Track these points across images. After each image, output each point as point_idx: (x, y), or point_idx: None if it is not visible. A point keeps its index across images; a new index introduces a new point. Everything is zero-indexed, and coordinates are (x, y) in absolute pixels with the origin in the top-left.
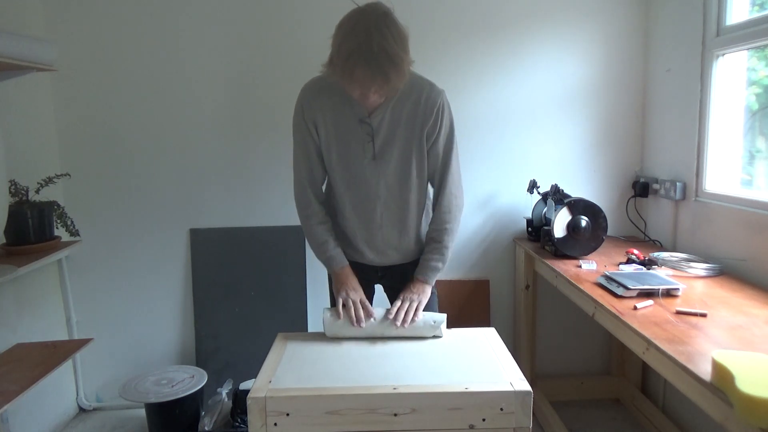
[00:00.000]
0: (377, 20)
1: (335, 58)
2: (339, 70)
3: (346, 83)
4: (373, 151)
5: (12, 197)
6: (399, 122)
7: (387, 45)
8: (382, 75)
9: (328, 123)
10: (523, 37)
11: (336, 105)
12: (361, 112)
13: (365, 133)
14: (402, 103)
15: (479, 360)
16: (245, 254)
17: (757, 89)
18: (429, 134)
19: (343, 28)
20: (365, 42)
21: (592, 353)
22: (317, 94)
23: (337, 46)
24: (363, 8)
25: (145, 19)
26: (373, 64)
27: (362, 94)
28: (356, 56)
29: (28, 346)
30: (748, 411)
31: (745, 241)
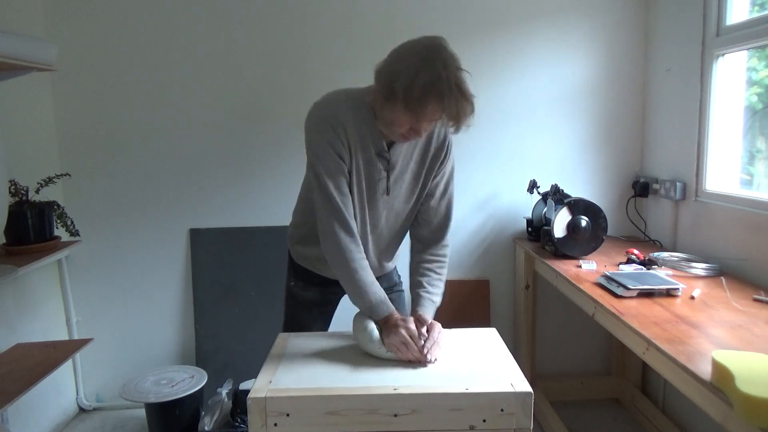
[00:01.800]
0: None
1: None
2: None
3: (409, 115)
4: (386, 187)
5: (12, 197)
6: (412, 157)
7: (462, 81)
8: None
9: (352, 149)
10: (524, 36)
11: (358, 131)
12: (380, 145)
13: (382, 167)
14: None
15: (480, 361)
16: (245, 254)
17: (758, 89)
18: (437, 168)
19: (413, 59)
20: (444, 76)
21: (592, 353)
22: (342, 114)
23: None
24: (432, 41)
25: (145, 20)
26: (452, 99)
27: (413, 129)
28: (434, 90)
29: (28, 346)
30: (748, 411)
31: (745, 241)
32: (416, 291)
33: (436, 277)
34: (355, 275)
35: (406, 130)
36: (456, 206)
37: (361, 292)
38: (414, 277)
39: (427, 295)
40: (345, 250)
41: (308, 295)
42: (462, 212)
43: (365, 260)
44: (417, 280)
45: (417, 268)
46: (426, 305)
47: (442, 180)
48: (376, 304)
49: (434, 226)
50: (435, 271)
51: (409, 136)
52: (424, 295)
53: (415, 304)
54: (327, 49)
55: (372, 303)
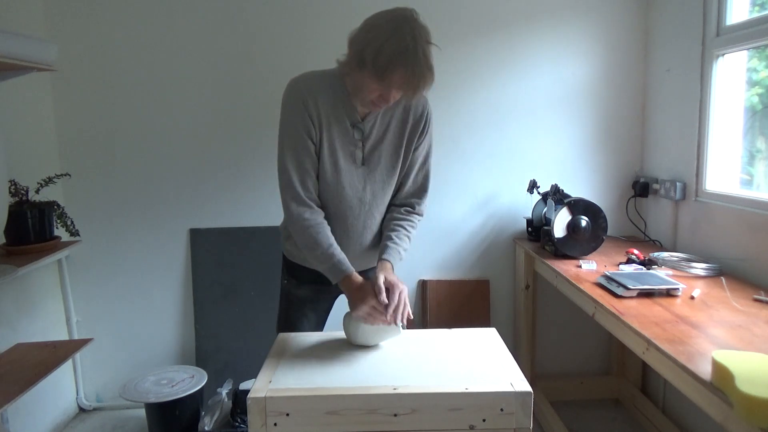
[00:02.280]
0: (420, 27)
1: (373, 56)
2: (377, 69)
3: (376, 82)
4: (362, 157)
5: (12, 197)
6: (388, 128)
7: (429, 52)
8: (420, 79)
9: (323, 123)
10: (523, 36)
11: (333, 105)
12: (354, 116)
13: (356, 137)
14: (392, 108)
15: (479, 360)
16: (245, 254)
17: (759, 90)
18: (416, 140)
19: (385, 28)
20: (412, 46)
21: (592, 353)
22: (316, 90)
23: (377, 45)
24: (402, 12)
25: (145, 20)
26: (417, 68)
27: (382, 96)
28: (402, 58)
29: (28, 346)
30: (748, 411)
31: (745, 241)
32: (385, 242)
33: (404, 234)
34: (311, 240)
35: (375, 97)
36: (456, 206)
37: (319, 254)
38: (384, 231)
39: (393, 245)
40: (296, 216)
41: (301, 293)
42: (462, 212)
43: (323, 225)
44: (387, 234)
45: (388, 224)
46: (392, 254)
47: (422, 152)
48: (335, 265)
49: (409, 194)
50: (405, 228)
51: (378, 103)
52: (391, 245)
53: (381, 252)
54: (327, 49)
55: (331, 264)
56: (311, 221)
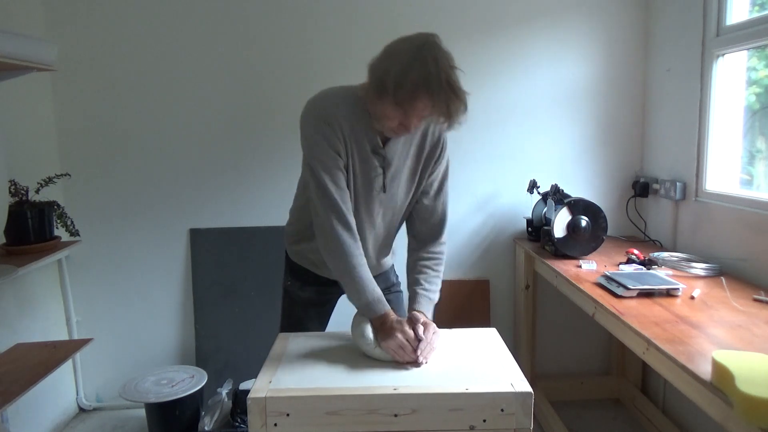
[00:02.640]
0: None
1: (394, 83)
2: (398, 96)
3: (398, 111)
4: (383, 185)
5: (12, 197)
6: (408, 154)
7: (454, 77)
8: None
9: (349, 145)
10: (524, 37)
11: (352, 128)
12: (376, 141)
13: (378, 164)
14: (413, 134)
15: (480, 361)
16: (245, 254)
17: (757, 89)
18: (432, 166)
19: (405, 55)
20: (435, 72)
21: (592, 353)
22: (337, 110)
23: (399, 72)
24: (424, 38)
25: (145, 20)
26: (441, 95)
27: (402, 125)
28: (424, 86)
29: (28, 346)
30: (748, 411)
31: (745, 241)
32: (413, 288)
33: (434, 275)
34: (353, 271)
35: (396, 125)
36: (456, 206)
37: (358, 288)
38: (411, 275)
39: (424, 293)
40: (343, 245)
41: (305, 295)
42: (462, 212)
43: (363, 257)
44: (414, 278)
45: (414, 266)
46: (423, 303)
47: (437, 178)
48: (373, 302)
49: (431, 224)
50: (432, 268)
51: (399, 131)
52: (421, 292)
53: (412, 302)
54: (327, 49)
55: (369, 301)
56: (356, 251)
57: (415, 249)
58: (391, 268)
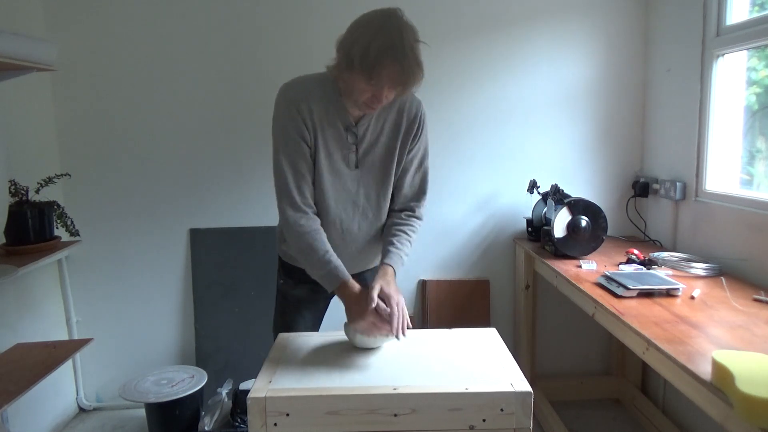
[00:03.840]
0: (406, 25)
1: (360, 55)
2: (365, 67)
3: (366, 81)
4: (356, 160)
5: (12, 197)
6: (382, 131)
7: (417, 48)
8: (410, 75)
9: (317, 127)
10: (523, 37)
11: (326, 109)
12: (347, 119)
13: (350, 141)
14: (386, 111)
15: (480, 360)
16: (245, 254)
17: (757, 89)
18: (410, 143)
19: (370, 26)
20: (398, 42)
21: (592, 353)
22: (308, 95)
23: (364, 43)
24: (387, 11)
25: (145, 19)
26: (405, 63)
27: (374, 96)
28: (389, 54)
29: (28, 346)
30: (748, 411)
31: (745, 241)
32: (387, 247)
33: (406, 238)
34: (307, 247)
35: (368, 97)
36: (456, 206)
37: (314, 261)
38: (386, 237)
39: (396, 250)
40: (293, 223)
41: (298, 293)
42: (462, 212)
43: (319, 232)
44: (388, 240)
45: (389, 230)
46: (395, 259)
47: (417, 154)
48: (330, 272)
49: (408, 197)
50: (406, 232)
51: (372, 104)
52: (394, 250)
53: (384, 256)
54: (327, 49)
55: (326, 271)
56: (307, 227)
57: (391, 216)
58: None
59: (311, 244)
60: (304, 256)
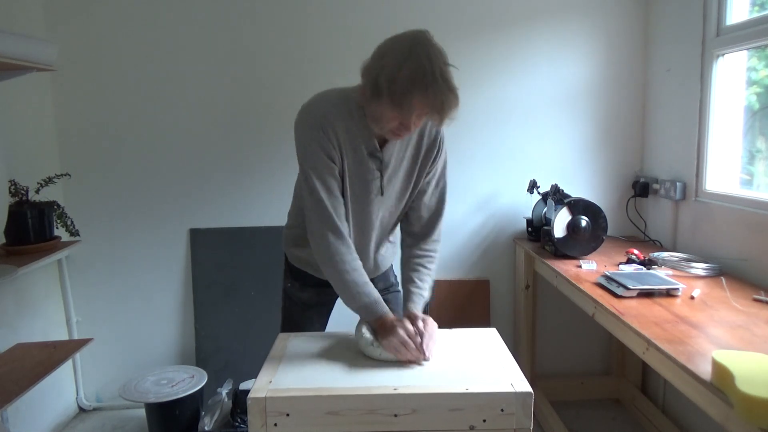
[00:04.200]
0: (434, 48)
1: (388, 83)
2: (393, 96)
3: (395, 111)
4: (380, 188)
5: (12, 197)
6: (405, 155)
7: (447, 73)
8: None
9: (343, 149)
10: (523, 37)
11: (349, 130)
12: (372, 144)
13: (374, 167)
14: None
15: (480, 361)
16: (245, 254)
17: (757, 89)
18: (429, 165)
19: (398, 53)
20: (429, 69)
21: (592, 353)
22: (332, 115)
23: (391, 71)
24: (414, 34)
25: (145, 20)
26: (436, 91)
27: (402, 125)
28: (418, 83)
29: (28, 346)
30: (748, 411)
31: (745, 241)
32: (407, 287)
33: (425, 272)
34: (345, 276)
35: (396, 126)
36: (456, 206)
37: (353, 293)
38: (405, 272)
39: (416, 290)
40: (335, 252)
41: (304, 296)
42: (462, 212)
43: (357, 261)
44: (408, 276)
45: (407, 264)
46: (416, 300)
47: (435, 176)
48: (369, 305)
49: (425, 221)
50: (425, 266)
51: (400, 132)
52: (414, 290)
53: (406, 300)
54: (326, 49)
55: (364, 304)
56: (348, 257)
57: (408, 246)
58: (390, 268)
59: (353, 277)
60: (342, 284)
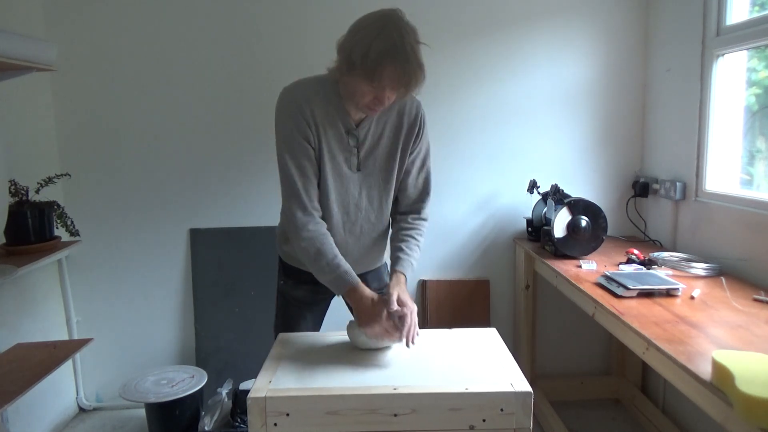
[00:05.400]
0: (406, 26)
1: (361, 57)
2: (366, 69)
3: (367, 83)
4: (357, 162)
5: (12, 197)
6: (383, 133)
7: (418, 50)
8: (411, 76)
9: (320, 130)
10: (523, 37)
11: (327, 111)
12: (348, 122)
13: (351, 144)
14: (385, 114)
15: (480, 360)
16: (245, 254)
17: (757, 90)
18: (412, 145)
19: (371, 29)
20: (399, 43)
21: (592, 353)
22: (309, 97)
23: (365, 45)
24: (387, 12)
25: (145, 19)
26: (406, 65)
27: (376, 99)
28: (390, 56)
29: (28, 346)
30: (748, 411)
31: (745, 241)
32: (396, 254)
33: (414, 243)
34: (316, 251)
35: (370, 100)
36: (456, 206)
37: (321, 266)
38: (394, 243)
39: (406, 257)
40: (300, 227)
41: (298, 294)
42: (462, 212)
43: (327, 236)
44: (397, 245)
45: (396, 235)
46: (405, 265)
47: (419, 156)
48: (339, 276)
49: (412, 200)
50: (414, 237)
51: (374, 106)
52: (404, 256)
53: (395, 263)
54: (326, 49)
55: (336, 275)
56: (315, 231)
57: (396, 222)
58: (383, 266)
59: (319, 249)
60: (311, 260)
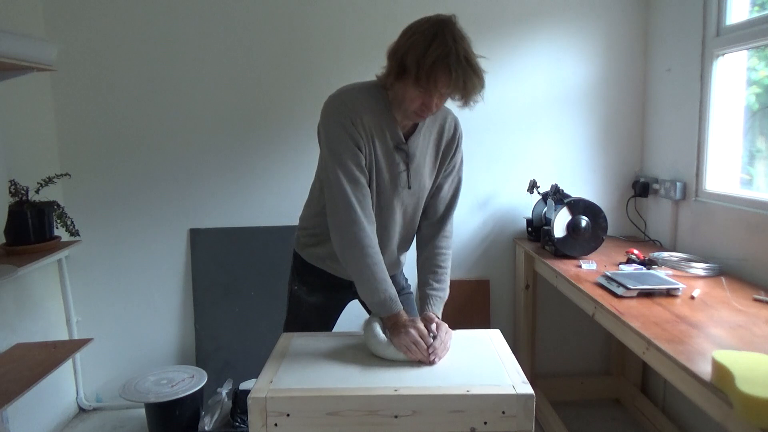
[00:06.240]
0: (460, 33)
1: (415, 62)
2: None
3: (419, 89)
4: (407, 180)
5: (12, 197)
6: (427, 149)
7: (473, 56)
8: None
9: (370, 140)
10: (523, 36)
11: (376, 121)
12: (397, 137)
13: (400, 160)
14: (429, 128)
15: (482, 362)
16: (245, 254)
17: (757, 89)
18: (449, 160)
19: (425, 34)
20: (453, 48)
21: (592, 353)
22: (359, 105)
23: (419, 50)
24: (441, 18)
25: (145, 19)
26: (459, 69)
27: (424, 105)
28: (444, 61)
29: (28, 346)
30: (748, 411)
31: (745, 241)
32: (424, 290)
33: (441, 272)
34: (368, 270)
35: (418, 105)
36: (456, 206)
37: (372, 288)
38: (421, 274)
39: (434, 293)
40: (359, 244)
41: (312, 300)
42: (462, 212)
43: (379, 254)
44: (424, 278)
45: (424, 265)
46: (435, 303)
47: (453, 171)
48: (386, 301)
49: (439, 216)
50: (440, 265)
51: (422, 112)
52: (432, 293)
53: (423, 303)
54: (327, 49)
55: (383, 299)
56: (372, 250)
57: (421, 245)
58: (400, 272)
59: (373, 270)
60: (361, 277)
